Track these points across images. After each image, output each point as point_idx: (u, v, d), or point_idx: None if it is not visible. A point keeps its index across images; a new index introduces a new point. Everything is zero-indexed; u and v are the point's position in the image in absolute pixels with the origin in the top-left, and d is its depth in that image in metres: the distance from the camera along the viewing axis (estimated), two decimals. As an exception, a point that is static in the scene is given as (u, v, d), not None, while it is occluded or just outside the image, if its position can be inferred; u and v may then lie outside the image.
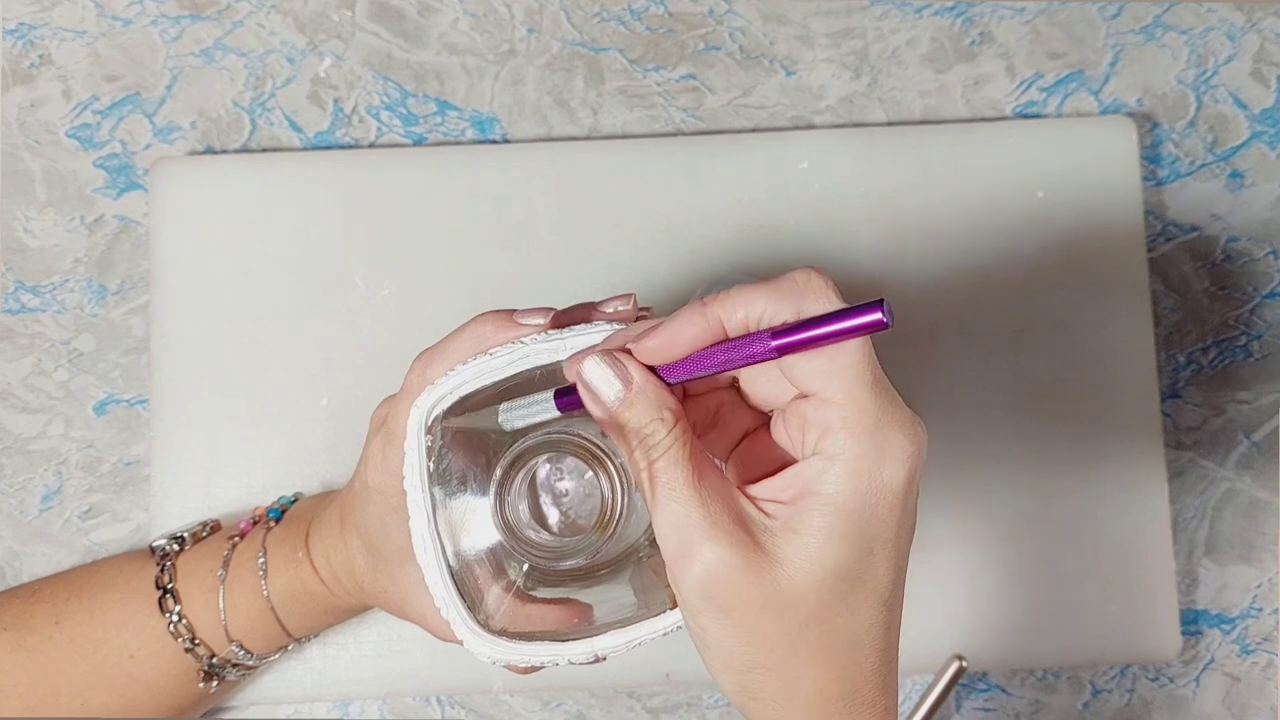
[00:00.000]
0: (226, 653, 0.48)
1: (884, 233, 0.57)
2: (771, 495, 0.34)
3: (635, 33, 0.59)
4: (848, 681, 0.34)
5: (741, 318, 0.34)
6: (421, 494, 0.38)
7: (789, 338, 0.33)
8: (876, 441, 0.32)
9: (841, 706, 0.34)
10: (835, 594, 0.33)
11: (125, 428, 0.56)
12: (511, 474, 0.39)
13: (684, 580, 0.33)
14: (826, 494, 0.32)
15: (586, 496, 0.41)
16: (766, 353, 0.33)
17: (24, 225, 0.57)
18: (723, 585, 0.33)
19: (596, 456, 0.39)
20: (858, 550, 0.33)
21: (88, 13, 0.58)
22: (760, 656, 0.34)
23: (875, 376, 0.33)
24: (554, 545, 0.40)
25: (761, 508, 0.34)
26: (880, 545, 0.33)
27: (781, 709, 0.34)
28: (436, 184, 0.56)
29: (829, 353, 0.33)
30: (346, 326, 0.55)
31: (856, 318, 0.32)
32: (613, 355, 0.35)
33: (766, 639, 0.33)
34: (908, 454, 0.33)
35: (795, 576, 0.33)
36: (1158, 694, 0.58)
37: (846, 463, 0.32)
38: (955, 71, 0.60)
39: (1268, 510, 0.59)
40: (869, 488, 0.32)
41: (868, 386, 0.33)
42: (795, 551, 0.33)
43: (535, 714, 0.56)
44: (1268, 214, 0.60)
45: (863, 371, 0.33)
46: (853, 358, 0.33)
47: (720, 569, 0.33)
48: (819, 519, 0.32)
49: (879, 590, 0.34)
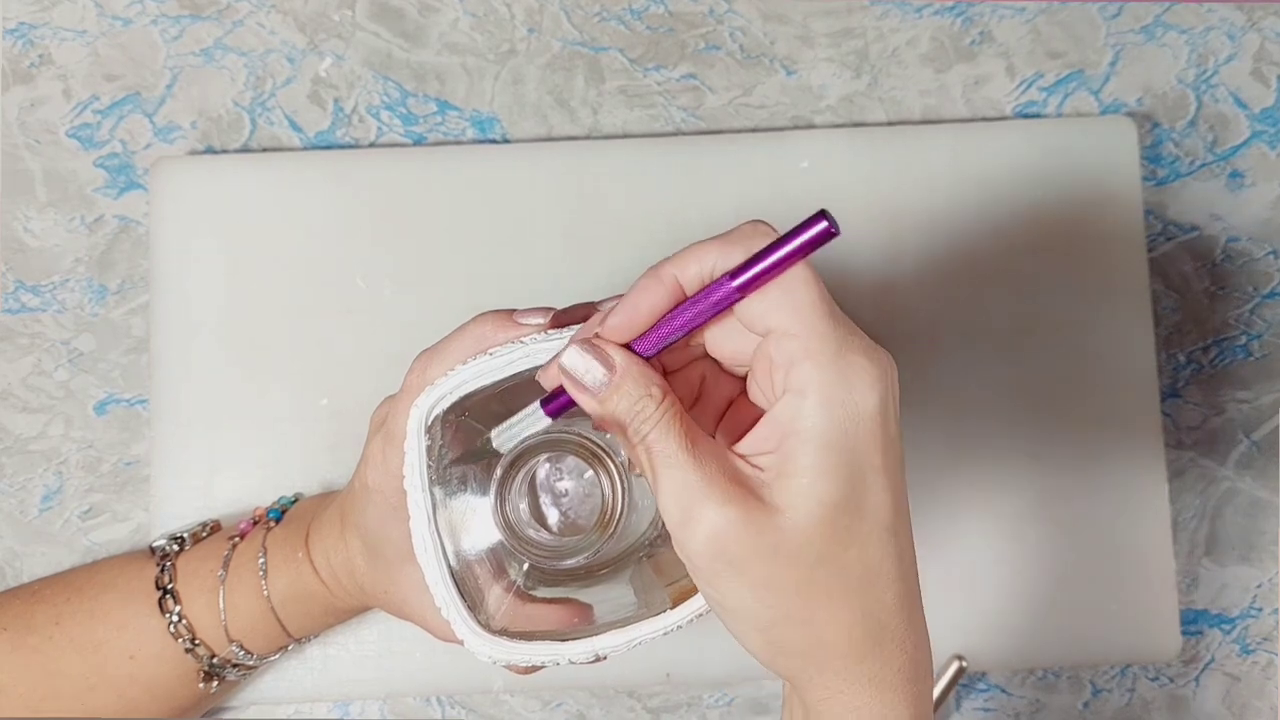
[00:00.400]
0: (227, 653, 0.48)
1: (884, 233, 0.57)
2: (757, 448, 0.34)
3: (635, 32, 0.59)
4: (871, 619, 0.34)
5: (695, 272, 0.34)
6: (421, 494, 0.38)
7: (747, 273, 0.33)
8: (840, 368, 0.33)
9: (870, 648, 0.34)
10: (838, 529, 0.33)
11: (125, 428, 0.56)
12: (512, 473, 0.39)
13: (691, 545, 0.33)
14: (804, 429, 0.33)
15: (586, 496, 0.41)
16: (729, 295, 0.34)
17: (24, 225, 0.57)
18: (729, 542, 0.33)
19: (596, 455, 0.39)
20: (849, 481, 0.33)
21: (88, 12, 0.58)
22: (780, 608, 0.34)
23: (830, 306, 0.33)
24: (554, 544, 0.40)
25: (752, 462, 0.34)
26: (871, 474, 0.33)
27: (810, 658, 0.34)
28: (436, 184, 0.56)
29: (781, 286, 0.33)
30: (346, 326, 0.55)
31: (805, 232, 0.33)
32: (590, 343, 0.35)
33: (782, 588, 0.33)
34: (874, 377, 0.33)
35: (797, 519, 0.33)
36: (1158, 694, 0.58)
37: (816, 391, 0.33)
38: (955, 71, 0.60)
39: (1268, 510, 0.59)
40: (843, 415, 0.33)
41: (824, 315, 0.33)
42: (790, 495, 0.33)
43: (535, 714, 0.56)
44: (1268, 214, 0.60)
45: (817, 301, 0.33)
46: (805, 288, 0.33)
47: (724, 526, 0.33)
48: (804, 458, 0.33)
49: (882, 519, 0.34)
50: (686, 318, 0.34)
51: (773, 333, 0.33)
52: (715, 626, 0.38)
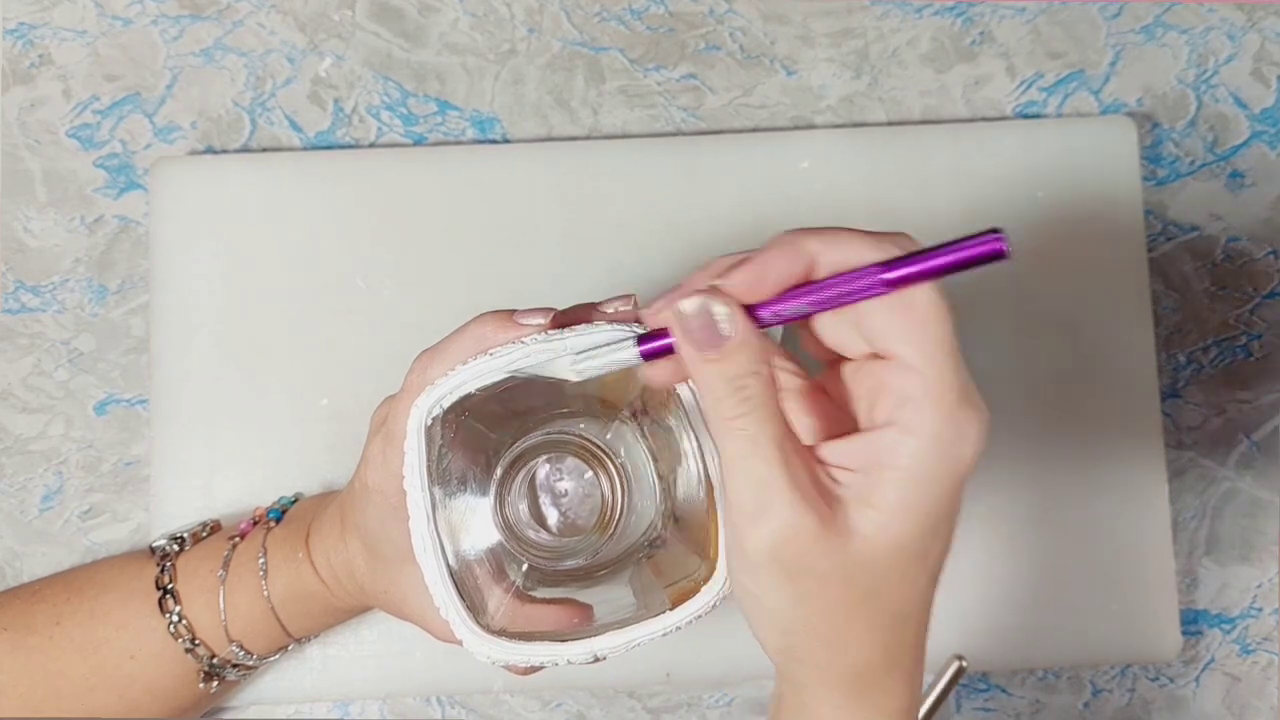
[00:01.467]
0: (227, 653, 0.48)
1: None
2: (842, 461, 0.33)
3: (635, 32, 0.59)
4: (891, 651, 0.34)
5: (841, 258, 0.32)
6: (421, 494, 0.38)
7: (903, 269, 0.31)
8: (956, 420, 0.32)
9: (881, 676, 0.35)
10: (897, 569, 0.33)
11: (125, 428, 0.56)
12: (512, 473, 0.39)
13: (752, 538, 0.32)
14: (904, 467, 0.32)
15: (586, 496, 0.41)
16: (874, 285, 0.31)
17: (24, 225, 0.57)
18: (793, 549, 0.32)
19: (596, 456, 0.39)
20: (925, 529, 0.32)
21: (88, 12, 0.58)
22: (813, 623, 0.33)
23: (957, 349, 0.32)
24: (554, 545, 0.40)
25: (832, 474, 0.33)
26: (943, 523, 0.33)
27: (824, 672, 0.34)
28: (436, 184, 0.56)
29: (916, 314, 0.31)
30: (347, 326, 0.55)
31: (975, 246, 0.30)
32: (718, 294, 0.33)
33: (826, 607, 0.33)
34: (980, 434, 0.32)
35: (864, 549, 0.32)
36: (1158, 694, 0.58)
37: (928, 437, 0.31)
38: (955, 71, 0.60)
39: (1268, 510, 0.59)
40: (944, 467, 0.32)
41: (951, 357, 0.32)
42: (868, 524, 0.32)
43: (535, 714, 0.56)
44: (1268, 214, 0.60)
45: (948, 341, 0.32)
46: (940, 324, 0.32)
47: (793, 533, 0.32)
48: (893, 494, 0.32)
49: (933, 566, 0.34)
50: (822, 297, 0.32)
51: (895, 359, 0.32)
52: (715, 627, 0.38)
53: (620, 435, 0.40)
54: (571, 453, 0.40)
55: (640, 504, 0.41)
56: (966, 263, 0.30)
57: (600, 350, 0.36)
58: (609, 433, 0.38)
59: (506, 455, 0.39)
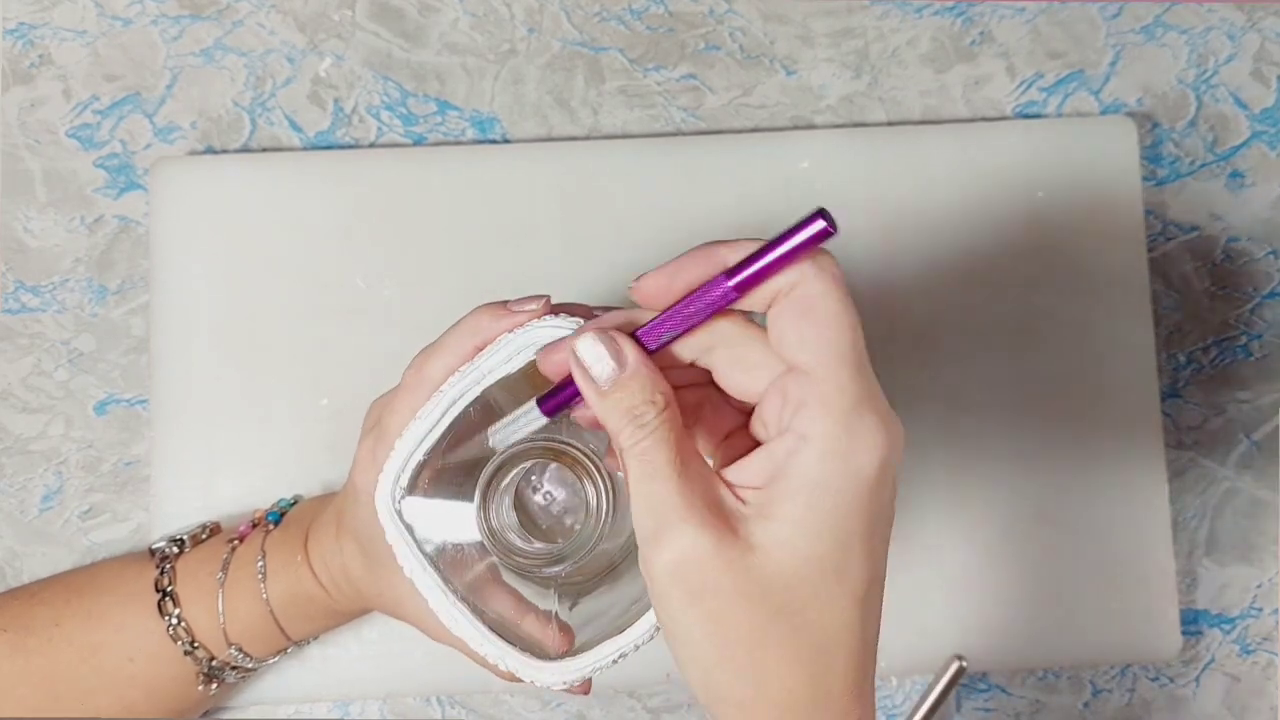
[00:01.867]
0: (226, 655, 0.48)
1: (884, 233, 0.57)
2: (746, 480, 0.33)
3: (635, 32, 0.59)
4: (819, 684, 0.33)
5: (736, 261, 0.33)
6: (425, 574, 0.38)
7: (743, 272, 0.32)
8: (849, 424, 0.32)
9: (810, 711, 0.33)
10: (807, 585, 0.32)
11: (125, 428, 0.56)
12: (496, 482, 0.39)
13: (654, 563, 0.32)
14: (797, 474, 0.32)
15: (572, 503, 0.41)
16: (726, 294, 0.33)
17: (24, 225, 0.57)
18: (693, 569, 0.32)
19: (581, 463, 0.39)
20: (831, 541, 0.32)
21: (88, 12, 0.58)
22: (725, 650, 0.33)
23: (859, 358, 0.32)
24: (542, 551, 0.40)
25: (738, 494, 0.33)
26: (853, 539, 0.32)
27: (747, 711, 0.33)
28: (436, 184, 0.56)
29: (820, 324, 0.32)
30: (347, 326, 0.55)
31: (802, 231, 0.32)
32: (608, 334, 0.34)
33: (734, 629, 0.32)
34: (879, 443, 0.32)
35: (765, 563, 0.32)
36: (1158, 694, 0.58)
37: (820, 440, 0.31)
38: (955, 71, 0.60)
39: (1268, 510, 0.59)
40: (840, 472, 0.32)
41: (849, 366, 0.32)
42: (767, 538, 0.32)
43: (535, 714, 0.56)
44: (1268, 214, 0.60)
45: (847, 351, 0.32)
46: (838, 331, 0.32)
47: (693, 552, 0.32)
48: (790, 504, 0.32)
49: (852, 589, 0.33)
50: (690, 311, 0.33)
51: (796, 368, 0.32)
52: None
53: (602, 439, 0.40)
54: (558, 460, 0.39)
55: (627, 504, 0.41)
56: (802, 249, 0.32)
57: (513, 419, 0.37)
58: (600, 430, 0.37)
59: (490, 464, 0.39)
